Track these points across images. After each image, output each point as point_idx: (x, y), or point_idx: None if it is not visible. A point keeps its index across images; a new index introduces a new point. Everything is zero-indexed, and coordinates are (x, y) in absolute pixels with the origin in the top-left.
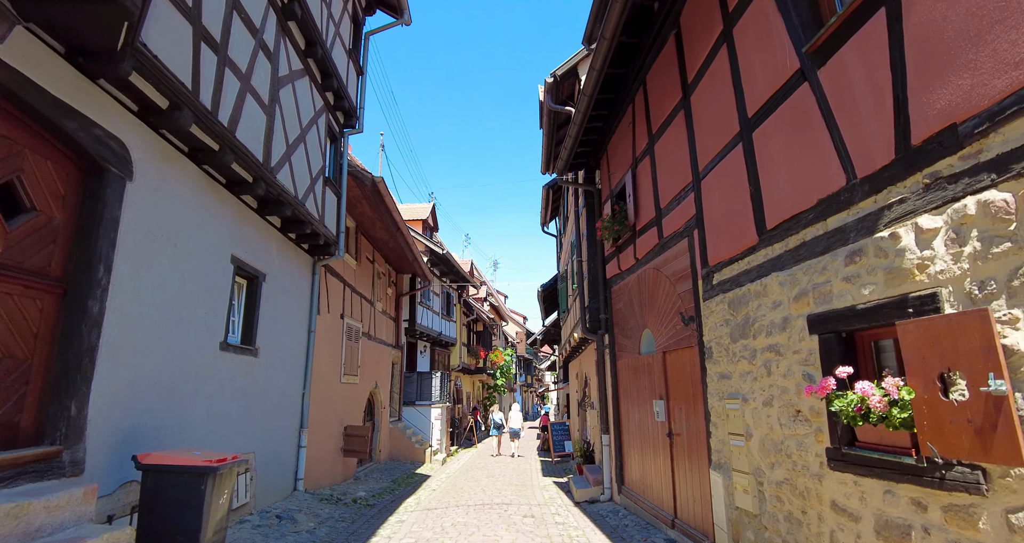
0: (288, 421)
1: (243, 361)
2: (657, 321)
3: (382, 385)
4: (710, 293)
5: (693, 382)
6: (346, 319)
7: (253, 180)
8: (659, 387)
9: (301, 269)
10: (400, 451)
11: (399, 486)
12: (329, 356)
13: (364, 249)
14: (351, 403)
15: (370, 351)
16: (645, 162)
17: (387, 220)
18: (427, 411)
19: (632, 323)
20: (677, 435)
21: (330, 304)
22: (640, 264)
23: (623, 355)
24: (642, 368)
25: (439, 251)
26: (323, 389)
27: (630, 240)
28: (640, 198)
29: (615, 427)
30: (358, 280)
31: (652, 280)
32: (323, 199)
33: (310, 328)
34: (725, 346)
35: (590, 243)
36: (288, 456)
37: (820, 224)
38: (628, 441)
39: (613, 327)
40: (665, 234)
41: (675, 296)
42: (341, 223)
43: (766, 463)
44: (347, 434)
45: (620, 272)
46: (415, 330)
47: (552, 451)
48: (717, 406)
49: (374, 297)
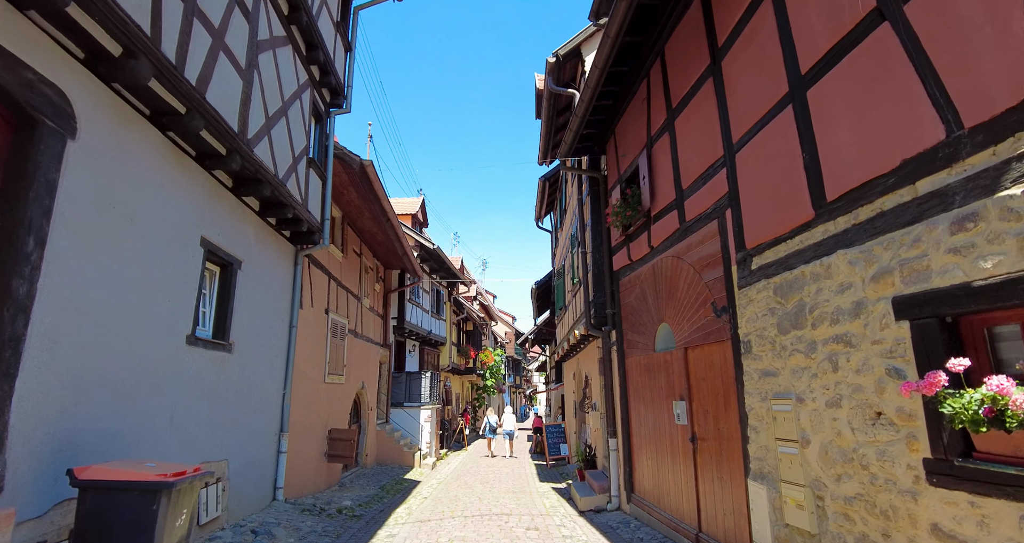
0: (266, 424)
1: (215, 357)
2: (677, 314)
3: (369, 385)
4: (748, 279)
5: (724, 381)
6: (331, 314)
7: (227, 152)
8: (679, 387)
9: (282, 258)
10: (388, 455)
11: (388, 494)
12: (312, 354)
13: (351, 241)
14: (336, 404)
15: (357, 349)
16: (663, 140)
17: (375, 209)
18: (416, 413)
19: (645, 318)
20: (702, 440)
21: (314, 298)
22: (656, 253)
23: (633, 353)
24: (657, 366)
25: (429, 245)
26: (306, 389)
27: (643, 227)
28: (657, 180)
29: (623, 430)
30: (344, 274)
31: (671, 269)
32: (306, 181)
33: (291, 323)
34: (770, 339)
35: (595, 233)
36: (266, 463)
37: (905, 189)
38: (639, 445)
39: (621, 323)
40: (688, 217)
41: (700, 285)
42: (326, 209)
43: (829, 475)
44: (331, 438)
45: (630, 263)
46: (404, 328)
47: (547, 454)
48: (758, 407)
49: (361, 292)
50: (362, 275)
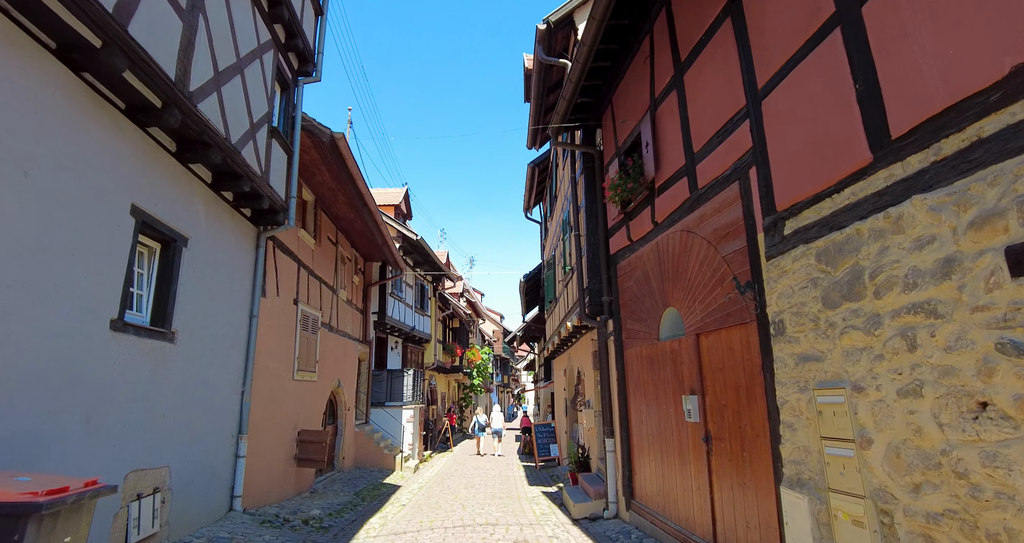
0: (221, 425)
1: (152, 348)
2: (686, 296)
3: (347, 383)
4: (780, 247)
5: (747, 370)
6: (301, 305)
7: (163, 105)
8: (690, 379)
9: (241, 239)
10: (367, 458)
11: (363, 500)
12: (279, 348)
13: (325, 228)
14: (307, 404)
15: (332, 345)
16: (669, 101)
17: (350, 191)
18: (398, 413)
19: (648, 303)
20: (718, 439)
21: (280, 286)
22: (661, 229)
23: (634, 343)
24: (662, 357)
25: (412, 236)
26: (271, 387)
27: (646, 201)
28: (662, 145)
29: (622, 429)
30: (317, 263)
31: (680, 245)
32: (268, 153)
33: (252, 312)
34: (811, 316)
35: (589, 214)
36: (221, 468)
37: (1018, 105)
38: (640, 446)
39: (619, 310)
40: (701, 183)
41: (717, 261)
42: (292, 186)
43: (902, 484)
44: (301, 440)
45: (630, 244)
46: (385, 324)
47: (536, 455)
48: (794, 400)
49: (337, 284)
50: (338, 266)
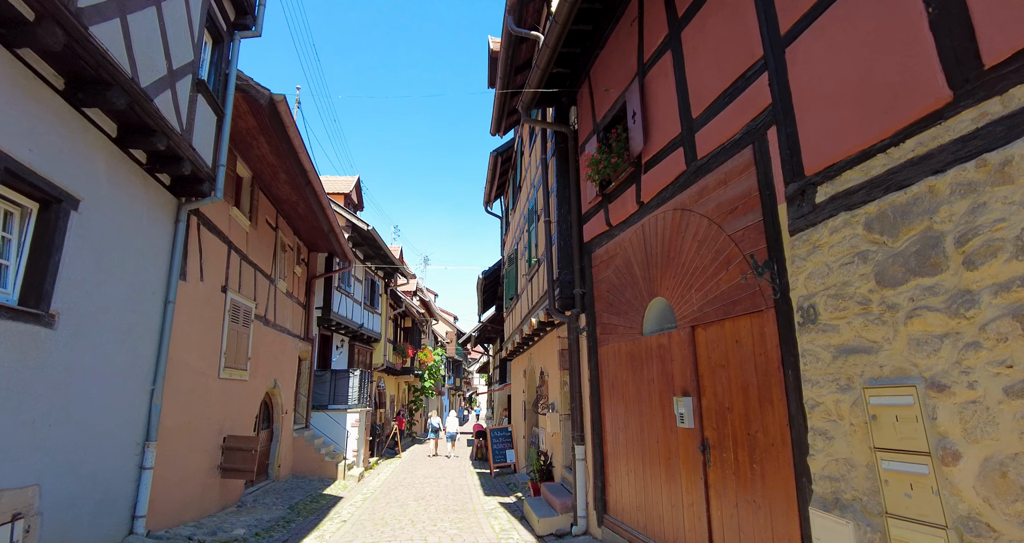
0: (120, 430)
1: (19, 333)
2: (679, 284)
3: (284, 384)
4: (810, 218)
5: (761, 366)
6: (231, 294)
7: (37, 17)
8: (683, 378)
9: (156, 211)
10: (306, 465)
11: (299, 515)
12: (202, 341)
13: (263, 209)
14: (236, 406)
15: (268, 340)
16: (662, 63)
17: (292, 167)
18: (342, 417)
19: (629, 294)
20: (718, 449)
21: (206, 270)
22: (647, 210)
23: (610, 339)
24: (647, 354)
25: (363, 226)
26: (190, 385)
27: (630, 180)
28: (652, 114)
29: (594, 435)
30: (253, 248)
31: (672, 226)
32: (192, 110)
33: (168, 297)
34: (858, 297)
35: (561, 200)
36: (118, 484)
37: None
38: (616, 454)
39: (594, 303)
40: (701, 154)
41: (722, 240)
42: (222, 152)
43: (1009, 512)
44: (227, 447)
45: (608, 230)
46: (330, 320)
47: (491, 462)
48: (831, 401)
49: (276, 273)
50: (278, 253)
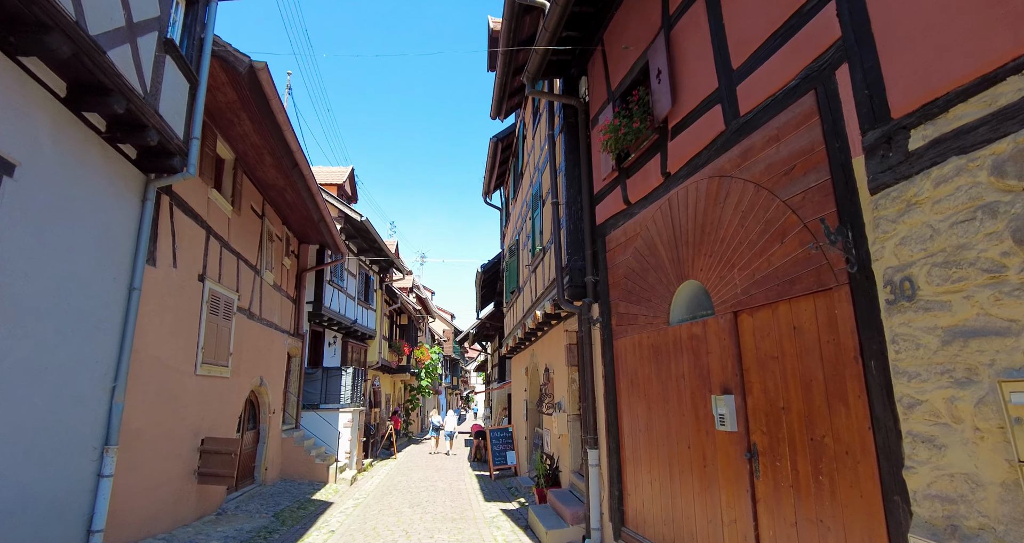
0: (73, 434)
1: None
2: (717, 263)
3: (272, 382)
4: (901, 170)
5: (830, 356)
6: (210, 283)
7: None
8: (722, 373)
9: (119, 185)
10: (295, 468)
11: (284, 524)
12: (176, 333)
13: (248, 195)
14: (217, 405)
15: (253, 335)
16: (693, 12)
17: (277, 147)
18: (334, 417)
19: (652, 279)
20: (771, 456)
21: (180, 256)
22: (675, 181)
23: (628, 331)
24: (674, 346)
25: (357, 218)
26: (161, 383)
27: (653, 149)
28: (681, 70)
29: (610, 438)
30: (236, 235)
31: (707, 198)
32: (159, 72)
33: (133, 283)
34: (984, 263)
35: (571, 179)
36: (71, 495)
37: None
38: (637, 459)
39: (608, 292)
40: (745, 109)
41: (773, 207)
42: (196, 124)
43: None
44: (205, 451)
45: (626, 208)
46: (321, 315)
47: (491, 464)
48: (939, 400)
49: (262, 264)
50: (264, 243)
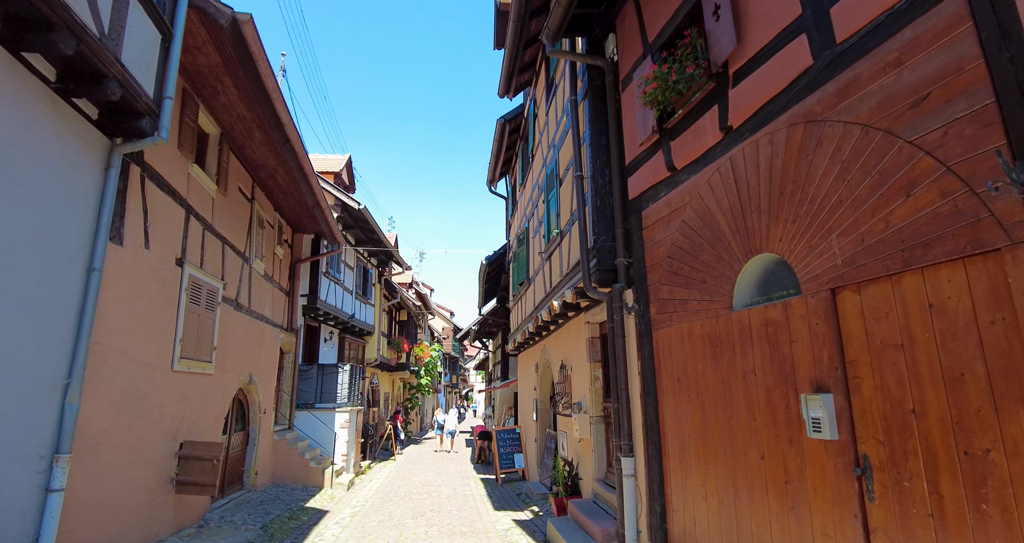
0: (11, 442)
1: None
2: (807, 229)
3: (263, 379)
4: None
5: (994, 342)
6: (190, 269)
7: None
8: (815, 367)
9: (73, 148)
10: (288, 472)
11: (272, 539)
12: (147, 323)
13: (236, 175)
14: (198, 404)
15: (241, 329)
16: None
17: (267, 121)
18: (330, 417)
19: (707, 256)
20: (889, 471)
21: (154, 236)
22: (738, 137)
23: (673, 319)
24: (740, 335)
25: (354, 206)
26: (129, 380)
27: (708, 101)
28: (746, 0)
29: (650, 445)
30: (222, 218)
31: (789, 150)
32: (119, 11)
33: (92, 264)
34: None
35: (596, 149)
36: (11, 514)
37: None
38: (685, 470)
39: (646, 275)
40: (843, 34)
41: (893, 151)
42: (169, 81)
43: None
44: (184, 456)
45: (670, 176)
46: (317, 309)
47: (497, 467)
48: None
49: (252, 252)
50: (254, 229)
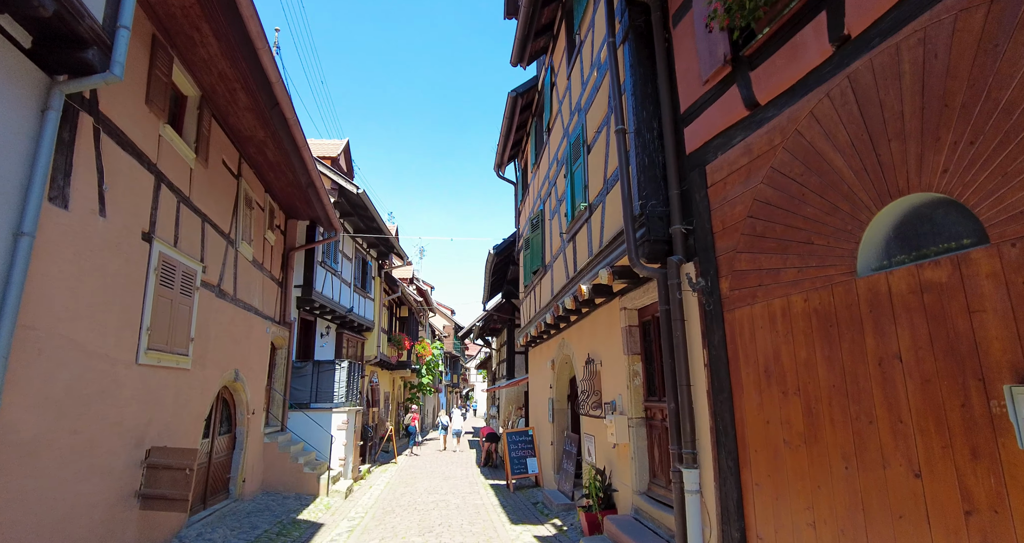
0: None
1: None
2: (993, 152)
3: (251, 377)
4: None
5: None
6: (162, 246)
7: None
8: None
9: None
10: (280, 478)
11: None
12: (103, 306)
13: (219, 146)
14: (171, 404)
15: (225, 319)
16: None
17: (253, 81)
18: (326, 418)
19: (813, 210)
20: None
21: (111, 202)
22: (862, 46)
23: (759, 295)
24: (874, 309)
25: (353, 190)
26: (76, 374)
27: (810, 9)
28: None
29: (723, 453)
30: (201, 192)
31: (954, 48)
32: None
33: (19, 227)
34: None
35: (642, 99)
36: None
37: None
38: (781, 486)
39: (714, 242)
40: None
41: None
42: (125, 7)
43: None
44: (151, 466)
45: (748, 116)
46: (312, 301)
47: (509, 472)
48: None
49: (238, 233)
50: (240, 208)
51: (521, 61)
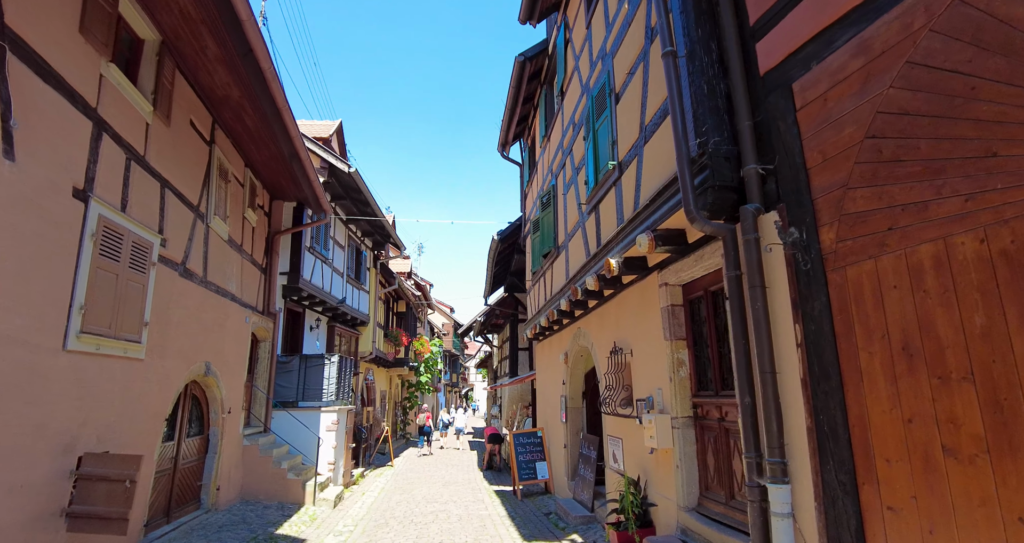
0: None
1: None
2: None
3: (226, 371)
4: None
5: None
6: (100, 207)
7: None
8: None
9: None
10: (261, 486)
11: None
12: (13, 277)
13: (186, 105)
14: (116, 401)
15: (193, 303)
16: None
17: (219, 18)
18: (314, 418)
19: (985, 110)
20: None
21: (25, 144)
22: None
23: (886, 243)
24: None
25: (344, 168)
26: None
27: None
28: None
29: (830, 462)
30: (161, 154)
31: None
32: None
33: None
34: None
35: (694, 16)
36: None
37: None
38: (936, 514)
39: (809, 184)
40: None
41: None
42: None
43: None
44: (83, 477)
45: (859, 6)
46: (299, 290)
47: (516, 477)
48: None
49: (209, 207)
50: (213, 179)
51: (531, 18)
